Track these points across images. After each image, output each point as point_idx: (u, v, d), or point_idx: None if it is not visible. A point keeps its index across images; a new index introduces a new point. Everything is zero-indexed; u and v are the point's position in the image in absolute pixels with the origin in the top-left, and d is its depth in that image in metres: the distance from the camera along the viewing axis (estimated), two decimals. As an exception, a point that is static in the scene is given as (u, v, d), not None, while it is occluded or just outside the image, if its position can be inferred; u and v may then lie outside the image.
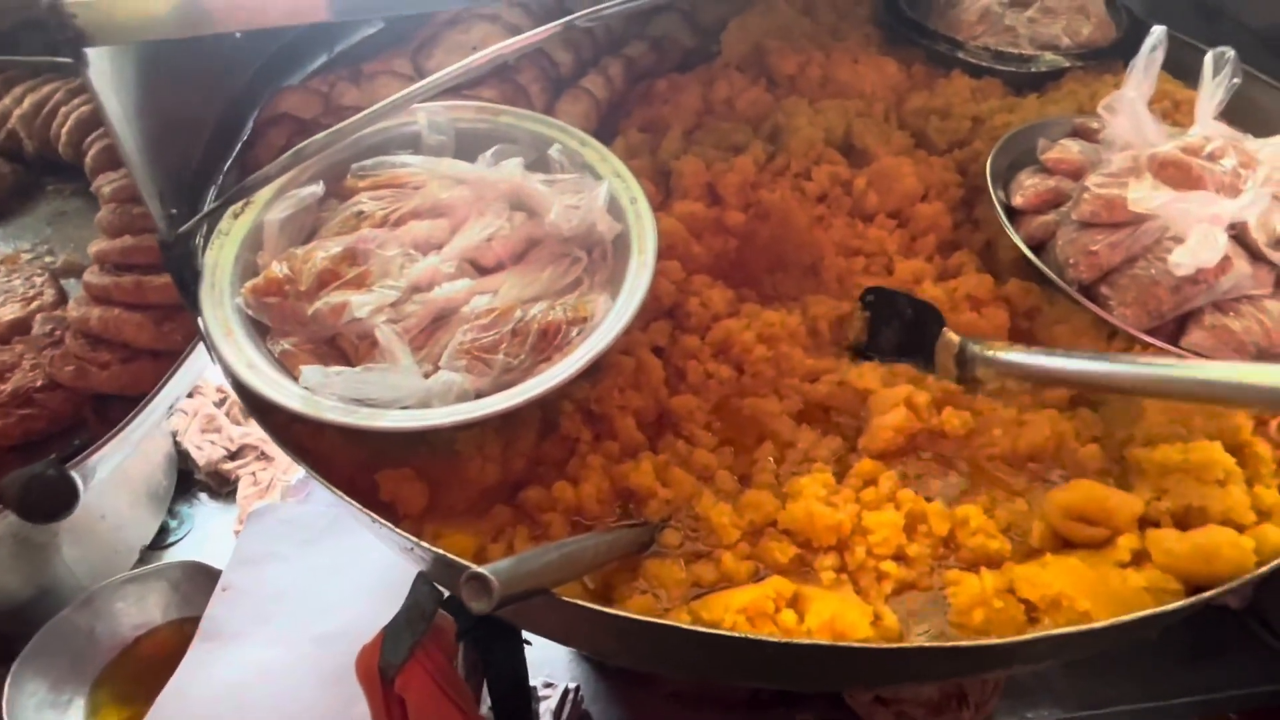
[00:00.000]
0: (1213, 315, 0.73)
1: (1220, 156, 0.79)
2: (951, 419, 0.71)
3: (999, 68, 1.03)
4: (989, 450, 0.70)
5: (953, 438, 0.71)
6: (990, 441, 0.71)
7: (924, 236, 0.88)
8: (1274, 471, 0.64)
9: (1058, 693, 1.08)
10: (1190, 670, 1.10)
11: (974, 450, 0.71)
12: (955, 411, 0.71)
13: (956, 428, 0.71)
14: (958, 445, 0.72)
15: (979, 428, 0.72)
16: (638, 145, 0.95)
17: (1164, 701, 1.08)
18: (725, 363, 0.78)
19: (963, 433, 0.71)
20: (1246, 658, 1.11)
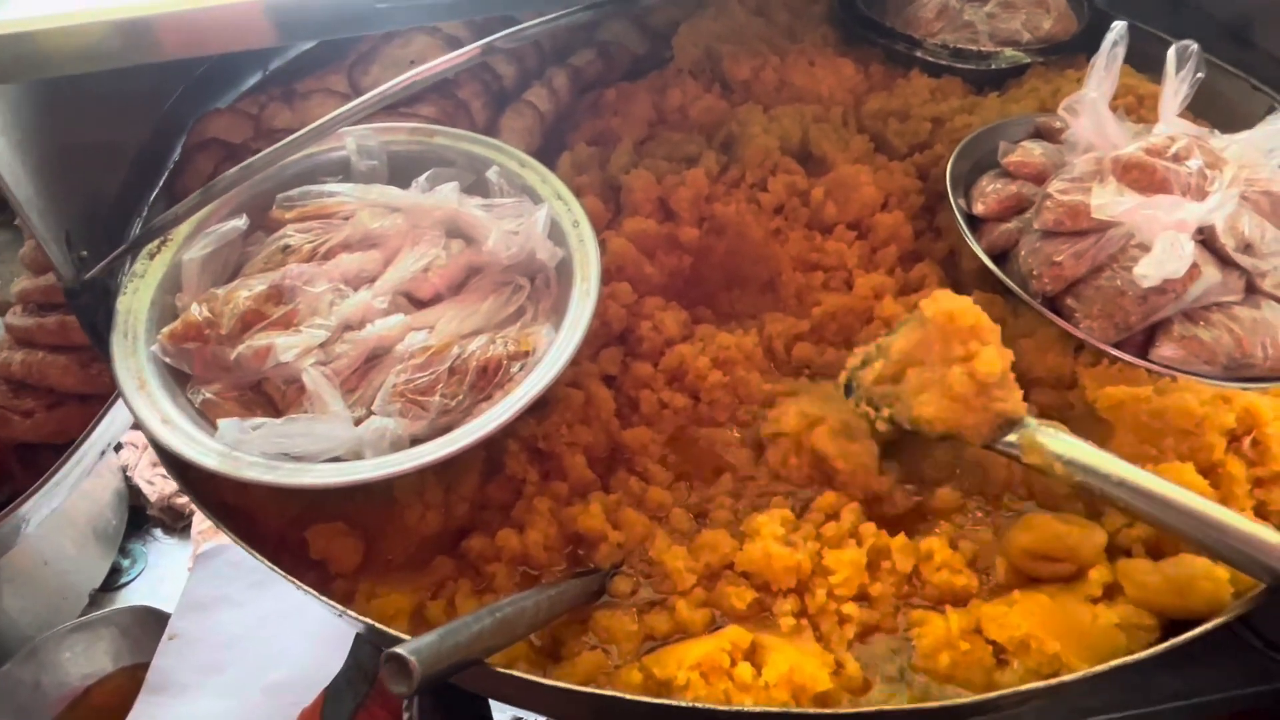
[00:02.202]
0: (1182, 325, 0.71)
1: (1186, 157, 0.76)
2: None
3: (958, 65, 1.00)
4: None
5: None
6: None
7: (885, 248, 0.85)
8: (1248, 492, 0.61)
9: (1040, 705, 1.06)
10: (1176, 676, 1.08)
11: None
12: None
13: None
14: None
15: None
16: (586, 160, 0.91)
17: (1150, 708, 1.06)
18: (680, 390, 0.75)
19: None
20: (1232, 662, 1.09)
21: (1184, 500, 0.53)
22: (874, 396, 0.66)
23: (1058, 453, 0.58)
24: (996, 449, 0.61)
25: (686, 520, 0.66)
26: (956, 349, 0.61)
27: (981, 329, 0.61)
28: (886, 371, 0.66)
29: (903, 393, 0.64)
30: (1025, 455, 0.59)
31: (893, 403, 0.65)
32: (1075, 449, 0.58)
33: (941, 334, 0.62)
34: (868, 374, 0.66)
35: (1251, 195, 0.75)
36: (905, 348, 0.65)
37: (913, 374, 0.64)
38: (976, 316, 0.61)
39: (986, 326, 0.62)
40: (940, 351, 0.62)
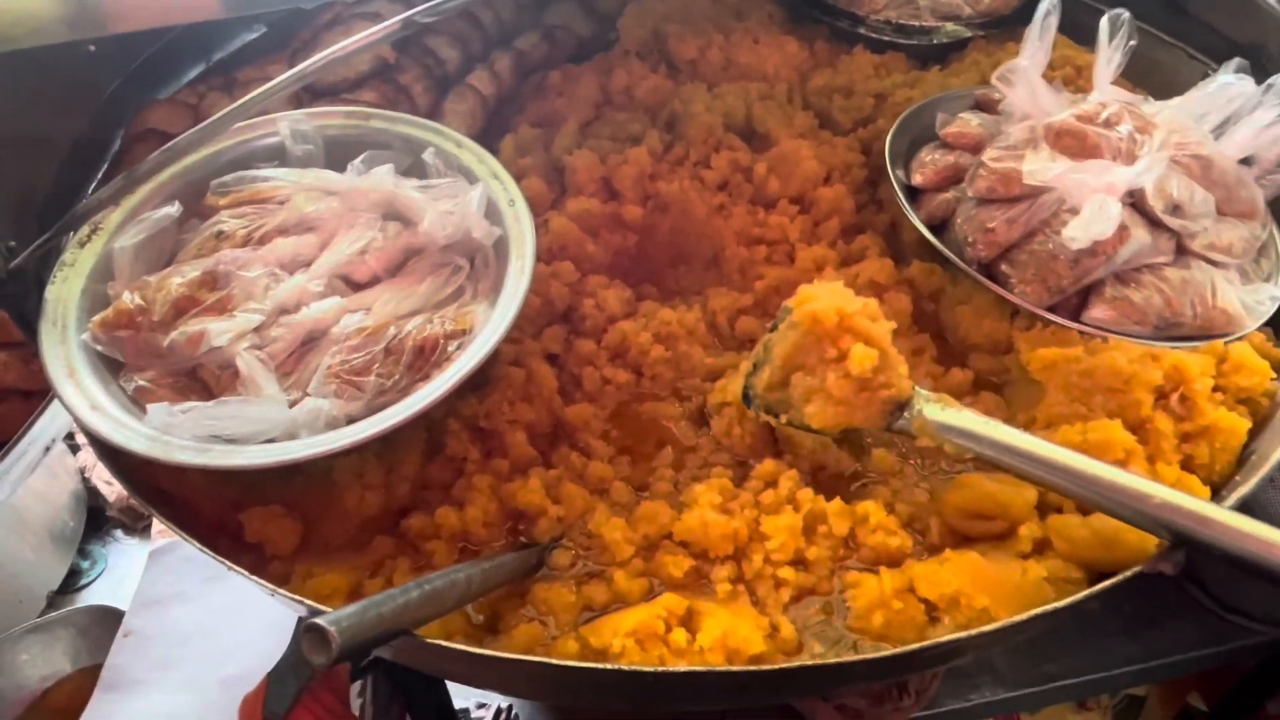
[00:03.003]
0: (1114, 287, 0.71)
1: (1117, 122, 0.77)
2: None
3: (901, 41, 1.01)
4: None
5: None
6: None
7: (827, 221, 0.85)
8: (1175, 447, 0.62)
9: (999, 672, 1.07)
10: (1131, 640, 1.09)
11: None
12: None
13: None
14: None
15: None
16: (529, 142, 0.91)
17: (1106, 673, 1.07)
18: (623, 367, 0.75)
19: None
20: (1185, 623, 1.10)
21: (1074, 463, 0.54)
22: (770, 404, 0.67)
23: (946, 425, 0.59)
24: (896, 431, 0.62)
25: (627, 493, 0.67)
26: (829, 350, 0.62)
27: (850, 322, 0.62)
28: (774, 378, 0.66)
29: (793, 399, 0.65)
30: (918, 437, 0.60)
31: (788, 409, 0.65)
32: (962, 420, 0.59)
33: (813, 336, 0.63)
34: (759, 381, 0.67)
35: (1182, 159, 0.76)
36: (785, 352, 0.65)
37: (797, 379, 0.65)
38: (840, 313, 0.62)
39: (853, 319, 0.62)
40: (816, 354, 0.63)
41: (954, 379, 0.72)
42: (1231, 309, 0.71)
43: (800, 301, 0.64)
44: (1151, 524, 0.53)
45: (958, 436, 0.58)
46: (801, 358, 0.66)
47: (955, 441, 0.59)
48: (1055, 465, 0.54)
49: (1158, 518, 0.52)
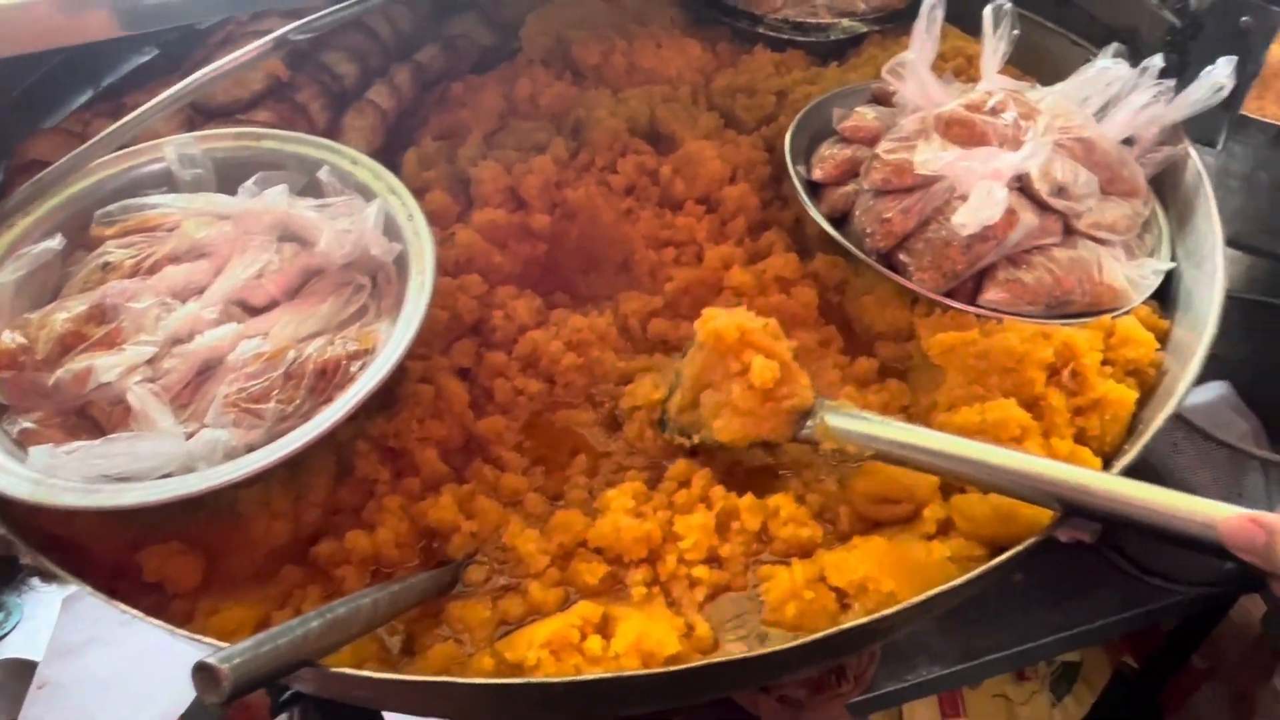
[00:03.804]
0: (1006, 270, 0.74)
1: (1002, 110, 0.79)
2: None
3: (799, 39, 1.02)
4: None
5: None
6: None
7: (733, 219, 0.86)
8: (1069, 420, 0.64)
9: (934, 650, 1.09)
10: (1056, 609, 1.13)
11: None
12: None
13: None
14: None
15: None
16: (433, 155, 0.90)
17: (1035, 643, 1.10)
18: (535, 376, 0.75)
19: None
20: (1107, 589, 1.14)
21: (963, 450, 0.56)
22: (683, 426, 0.68)
23: (846, 430, 0.61)
24: (802, 440, 0.63)
25: (542, 503, 0.66)
26: (733, 365, 0.64)
27: (750, 337, 0.64)
28: (685, 400, 0.68)
29: (703, 417, 0.66)
30: (821, 443, 0.61)
31: (699, 428, 0.67)
32: (859, 424, 0.61)
33: (717, 353, 0.65)
34: (672, 405, 0.69)
35: (1066, 142, 0.79)
36: (694, 372, 0.67)
37: (705, 397, 0.66)
38: (740, 329, 0.64)
39: (754, 334, 0.65)
40: (721, 370, 0.65)
41: (860, 368, 0.73)
42: (1117, 284, 0.74)
43: (704, 322, 0.67)
44: (1042, 497, 0.55)
45: (857, 439, 0.60)
46: (709, 376, 0.68)
47: (856, 443, 0.60)
48: (946, 454, 0.56)
49: (1046, 491, 0.54)
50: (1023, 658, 1.13)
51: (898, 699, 1.10)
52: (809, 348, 0.75)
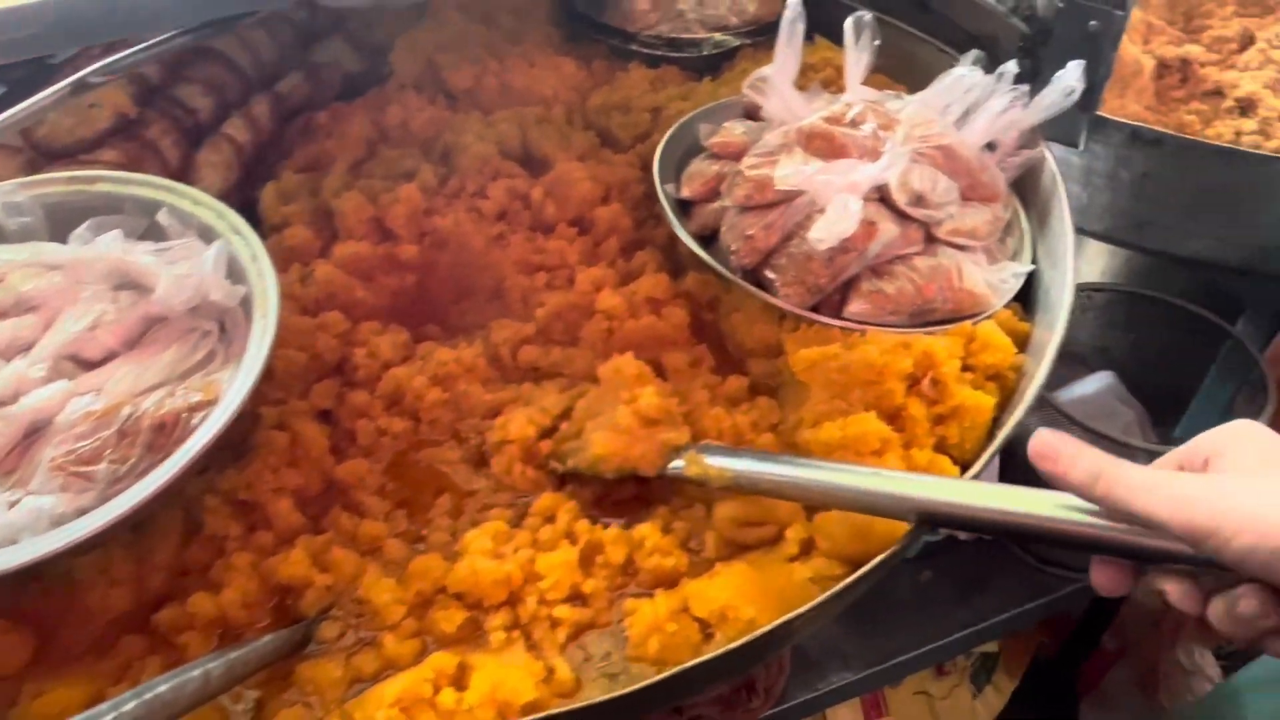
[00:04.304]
0: (869, 281, 0.74)
1: (861, 121, 0.80)
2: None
3: (672, 55, 1.02)
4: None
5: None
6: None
7: (606, 240, 0.85)
8: (929, 430, 0.64)
9: (846, 656, 1.10)
10: (962, 606, 1.14)
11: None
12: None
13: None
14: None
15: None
16: (294, 188, 0.87)
17: (942, 640, 1.12)
18: (399, 415, 0.72)
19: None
20: (1013, 581, 1.16)
21: (818, 476, 0.56)
22: (562, 453, 0.68)
23: (713, 462, 0.61)
24: (668, 474, 0.63)
25: (402, 549, 0.64)
26: (624, 395, 0.66)
27: (645, 376, 0.67)
28: (571, 430, 0.69)
29: (583, 443, 0.67)
30: (687, 470, 0.61)
31: (576, 453, 0.67)
32: (727, 459, 0.61)
33: (611, 386, 0.67)
34: (560, 437, 0.70)
35: (926, 150, 0.79)
36: (586, 405, 0.69)
37: (591, 425, 0.67)
38: (639, 368, 0.68)
39: (648, 375, 0.68)
40: (611, 399, 0.66)
41: (730, 387, 0.73)
42: (978, 290, 0.75)
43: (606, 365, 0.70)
44: (898, 511, 0.55)
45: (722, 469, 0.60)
46: (599, 406, 0.68)
47: (719, 470, 0.60)
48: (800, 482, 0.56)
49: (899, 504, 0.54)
50: (935, 655, 1.15)
51: (814, 707, 1.10)
52: (680, 369, 0.74)
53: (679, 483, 0.65)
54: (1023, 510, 0.49)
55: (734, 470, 0.60)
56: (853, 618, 1.14)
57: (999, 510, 0.50)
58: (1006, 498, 0.50)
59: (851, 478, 0.55)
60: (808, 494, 0.57)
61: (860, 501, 0.55)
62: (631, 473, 0.65)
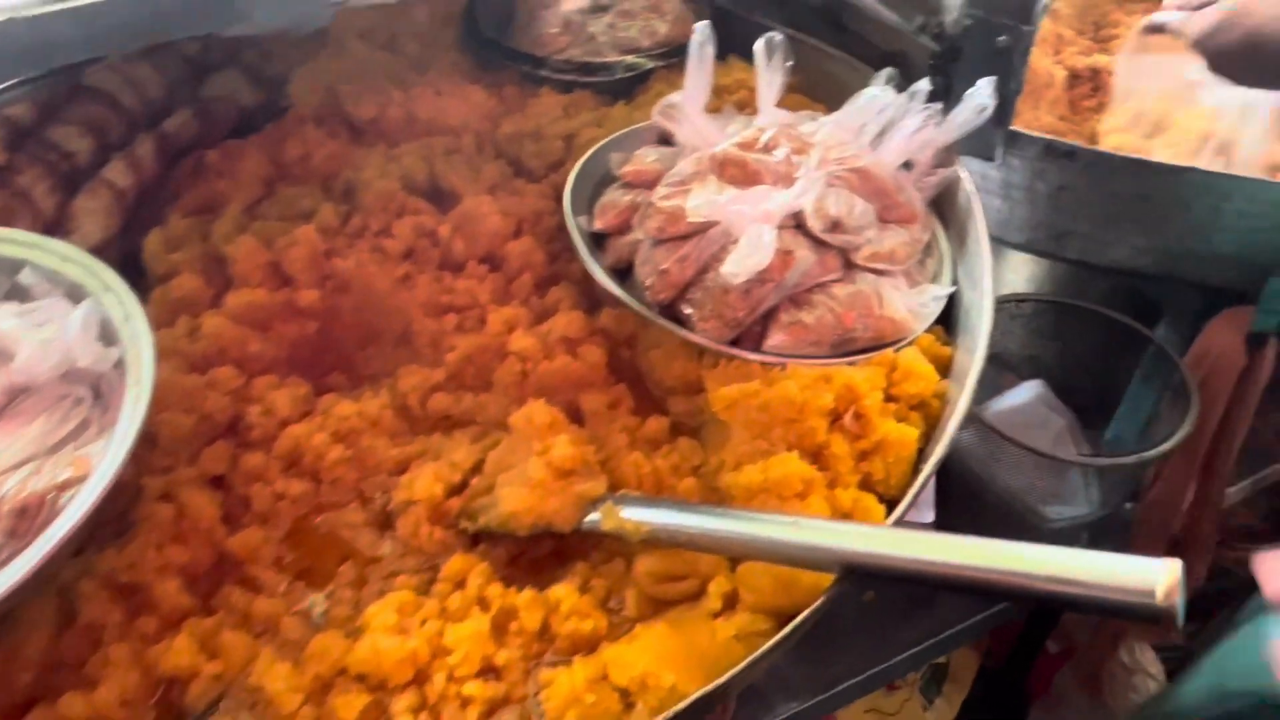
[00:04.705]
0: (788, 312, 0.72)
1: (774, 146, 0.78)
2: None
3: (585, 79, 0.99)
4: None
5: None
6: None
7: (519, 277, 0.81)
8: (852, 468, 0.62)
9: (791, 686, 1.07)
10: (907, 624, 1.13)
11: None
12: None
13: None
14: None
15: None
16: (182, 234, 0.81)
17: (890, 661, 1.10)
18: (298, 476, 0.68)
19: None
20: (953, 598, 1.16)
21: (735, 528, 0.54)
22: (472, 510, 0.65)
23: (630, 515, 0.58)
24: (584, 529, 0.60)
25: (300, 627, 0.59)
26: (536, 445, 0.62)
27: (558, 424, 0.64)
28: (482, 485, 0.65)
29: (494, 499, 0.63)
30: (603, 524, 0.58)
31: (487, 511, 0.63)
32: (645, 511, 0.59)
33: (524, 437, 0.64)
34: (471, 495, 0.66)
35: (841, 173, 0.78)
36: (496, 458, 0.65)
37: (502, 479, 0.64)
38: (552, 415, 0.65)
39: (562, 423, 0.65)
40: (524, 450, 0.63)
41: (650, 429, 0.70)
42: (898, 316, 0.73)
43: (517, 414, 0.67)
44: (821, 563, 0.52)
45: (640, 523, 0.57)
46: (511, 459, 0.65)
47: (636, 524, 0.57)
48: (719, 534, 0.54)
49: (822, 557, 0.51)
50: (884, 676, 1.13)
51: (758, 743, 1.07)
52: (597, 411, 0.71)
53: (597, 536, 0.62)
54: (954, 561, 0.47)
55: (652, 523, 0.57)
56: (796, 645, 1.12)
57: (926, 561, 0.48)
58: (935, 547, 0.48)
59: (772, 528, 0.53)
60: (728, 547, 0.55)
61: (782, 554, 0.52)
62: (546, 529, 0.61)
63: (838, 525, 0.52)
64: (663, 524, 0.57)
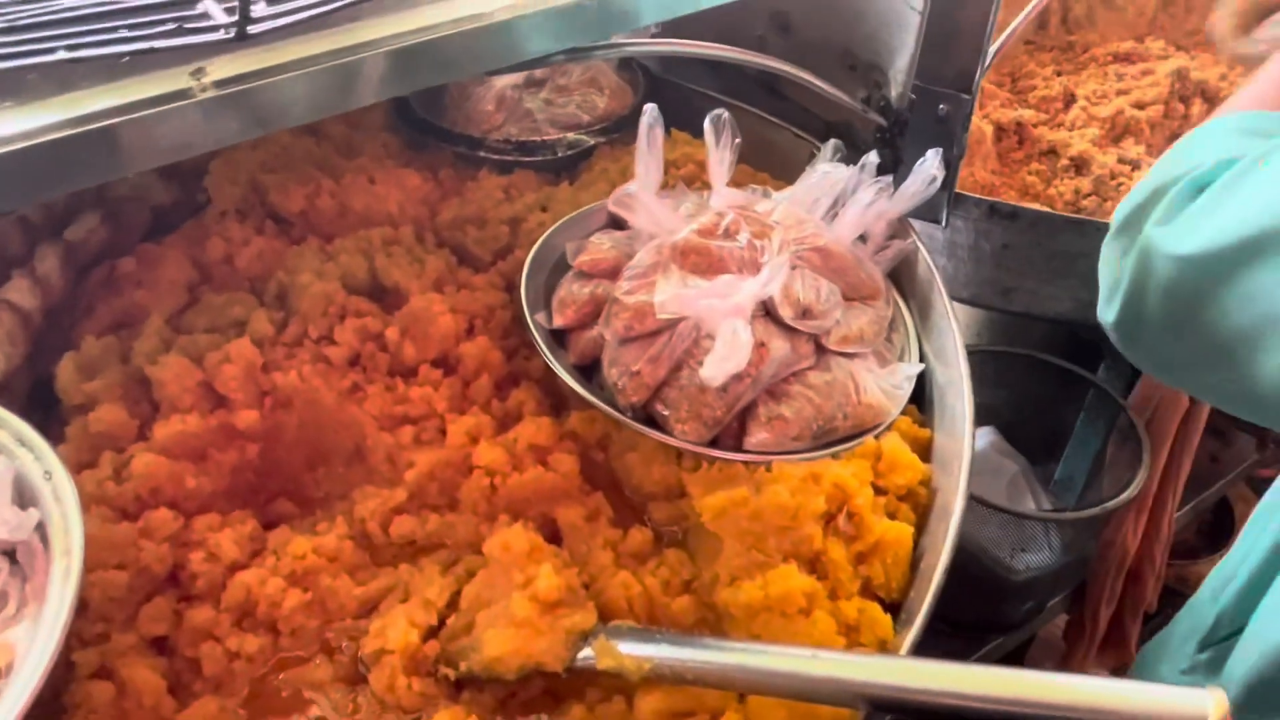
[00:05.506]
0: (767, 406, 0.69)
1: (736, 232, 0.76)
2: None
3: (524, 159, 0.96)
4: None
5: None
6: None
7: (476, 380, 0.77)
8: (852, 575, 0.60)
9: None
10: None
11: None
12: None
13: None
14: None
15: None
16: (98, 357, 0.74)
17: None
18: (253, 630, 0.61)
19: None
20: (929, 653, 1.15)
21: (746, 662, 0.50)
22: (452, 654, 0.59)
23: (626, 649, 0.54)
24: (577, 667, 0.56)
25: (269, 816, 0.53)
26: (517, 577, 0.58)
27: (538, 549, 0.60)
28: (460, 624, 0.60)
29: (475, 641, 0.58)
30: (599, 662, 0.54)
31: (469, 654, 0.58)
32: (642, 643, 0.55)
33: (502, 567, 0.59)
34: (445, 633, 0.61)
35: (804, 254, 0.76)
36: (474, 593, 0.61)
37: (482, 617, 0.59)
38: (531, 540, 0.60)
39: (542, 547, 0.60)
40: (504, 583, 0.59)
41: (634, 541, 0.66)
42: (875, 401, 0.72)
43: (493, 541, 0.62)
44: (843, 699, 0.49)
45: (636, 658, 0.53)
46: (490, 593, 0.60)
47: (636, 659, 0.53)
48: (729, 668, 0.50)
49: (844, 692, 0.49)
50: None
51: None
52: (576, 525, 0.67)
53: (593, 672, 0.57)
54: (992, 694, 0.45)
55: (653, 659, 0.54)
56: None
57: (961, 694, 0.46)
58: (969, 680, 0.46)
59: (790, 663, 0.49)
60: (742, 683, 0.51)
61: (802, 690, 0.49)
62: (536, 669, 0.57)
63: (861, 659, 0.49)
64: (666, 659, 0.53)
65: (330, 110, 0.48)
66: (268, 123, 0.46)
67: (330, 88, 0.47)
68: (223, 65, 0.45)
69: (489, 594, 0.60)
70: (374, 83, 0.48)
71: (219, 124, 0.45)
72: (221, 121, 0.45)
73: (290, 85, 0.45)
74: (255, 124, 0.45)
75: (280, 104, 0.46)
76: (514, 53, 0.58)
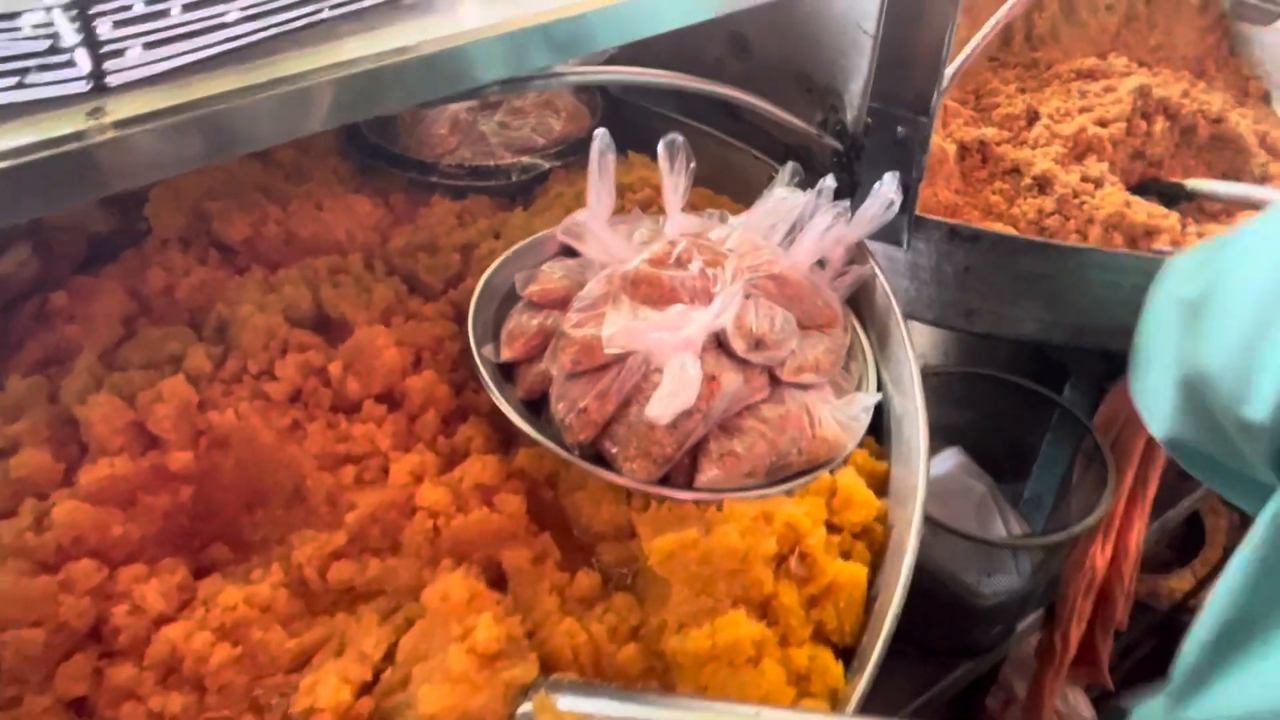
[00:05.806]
0: (719, 442, 0.67)
1: (688, 261, 0.74)
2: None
3: (478, 184, 0.94)
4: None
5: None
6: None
7: (422, 416, 0.74)
8: (804, 620, 0.58)
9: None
10: (854, 714, 1.10)
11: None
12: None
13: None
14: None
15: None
16: (24, 396, 0.71)
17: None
18: (178, 688, 0.58)
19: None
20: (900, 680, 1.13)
21: (687, 718, 0.48)
22: (386, 711, 0.57)
23: (568, 706, 0.51)
24: None
25: None
26: (455, 628, 0.55)
27: (479, 597, 0.57)
28: (396, 679, 0.57)
29: (410, 697, 0.55)
30: (539, 718, 0.52)
31: (404, 711, 0.56)
32: (583, 699, 0.52)
33: (441, 617, 0.57)
34: (384, 692, 0.58)
35: (759, 282, 0.75)
36: (410, 645, 0.58)
37: (418, 671, 0.56)
38: (471, 588, 0.58)
39: (483, 595, 0.58)
40: (442, 635, 0.56)
41: (581, 585, 0.64)
42: (831, 435, 0.70)
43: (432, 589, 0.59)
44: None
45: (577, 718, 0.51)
46: (426, 645, 0.58)
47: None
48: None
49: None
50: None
51: None
52: (521, 568, 0.64)
53: (536, 726, 0.55)
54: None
55: (592, 716, 0.51)
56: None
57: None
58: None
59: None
60: None
61: None
62: None
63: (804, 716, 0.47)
64: (606, 716, 0.51)
65: (242, 149, 0.46)
66: (168, 167, 0.43)
67: (234, 127, 0.45)
68: (123, 104, 0.43)
69: (426, 646, 0.58)
70: (286, 121, 0.46)
71: (118, 166, 0.42)
72: (121, 163, 0.42)
73: (193, 125, 0.43)
74: (156, 167, 0.43)
75: (184, 143, 0.43)
76: (450, 83, 0.56)
